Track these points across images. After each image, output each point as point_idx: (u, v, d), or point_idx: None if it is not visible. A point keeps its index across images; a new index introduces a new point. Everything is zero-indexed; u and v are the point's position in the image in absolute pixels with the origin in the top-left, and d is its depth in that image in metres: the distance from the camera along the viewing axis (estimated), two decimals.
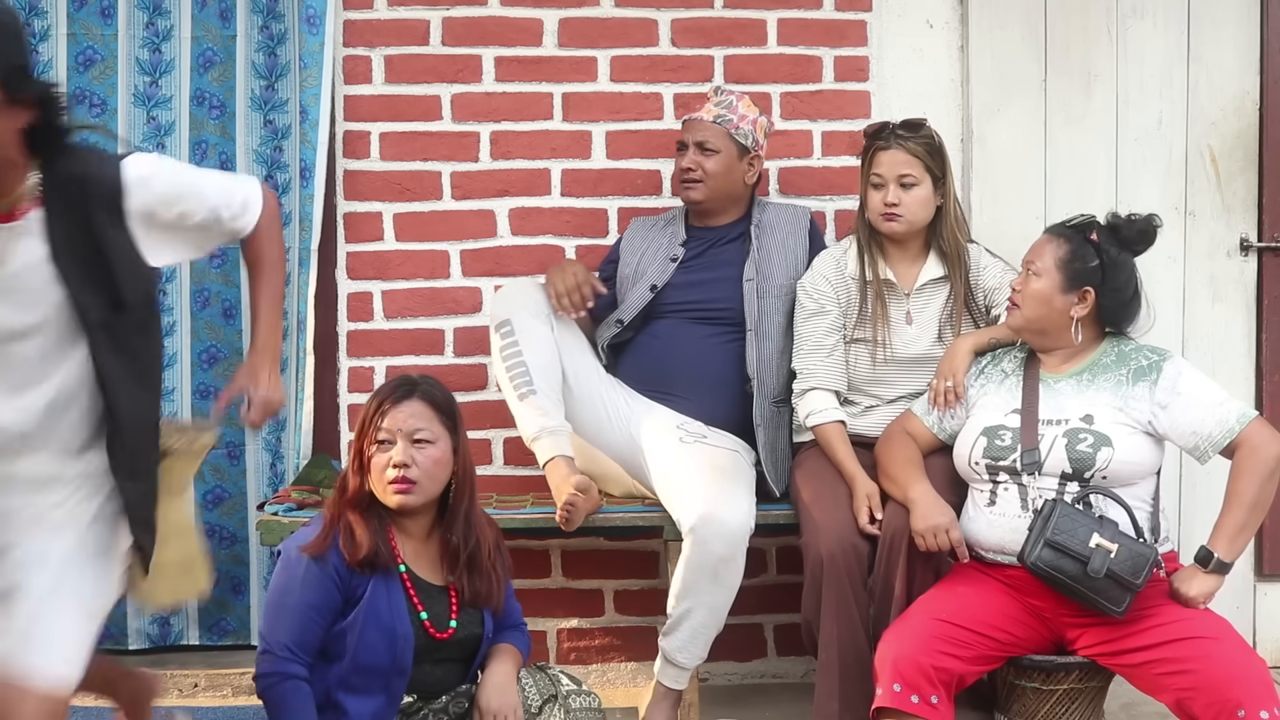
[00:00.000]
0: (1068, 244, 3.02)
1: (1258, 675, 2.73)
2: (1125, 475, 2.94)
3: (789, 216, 3.54)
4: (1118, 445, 2.93)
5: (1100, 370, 3.03)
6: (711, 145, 3.45)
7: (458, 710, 2.65)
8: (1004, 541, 2.97)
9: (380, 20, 3.72)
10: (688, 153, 3.47)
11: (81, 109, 3.69)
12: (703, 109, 3.49)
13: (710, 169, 3.45)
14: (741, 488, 3.22)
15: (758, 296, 3.43)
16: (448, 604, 2.69)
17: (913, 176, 3.27)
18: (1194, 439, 2.95)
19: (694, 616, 3.14)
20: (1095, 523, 2.84)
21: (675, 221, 3.58)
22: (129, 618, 3.80)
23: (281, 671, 2.54)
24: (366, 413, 2.69)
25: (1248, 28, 3.81)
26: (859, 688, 3.03)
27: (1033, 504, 2.94)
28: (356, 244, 3.74)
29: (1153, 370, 2.99)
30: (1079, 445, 2.93)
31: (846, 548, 3.08)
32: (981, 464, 3.01)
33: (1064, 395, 3.02)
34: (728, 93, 3.51)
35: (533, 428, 3.27)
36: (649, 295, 3.47)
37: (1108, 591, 2.81)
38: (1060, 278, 3.00)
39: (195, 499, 3.73)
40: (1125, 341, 3.08)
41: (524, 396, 3.29)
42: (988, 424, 3.04)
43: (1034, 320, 3.04)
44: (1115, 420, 2.96)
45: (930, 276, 3.35)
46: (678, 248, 3.52)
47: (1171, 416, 2.96)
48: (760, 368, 3.41)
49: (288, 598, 2.58)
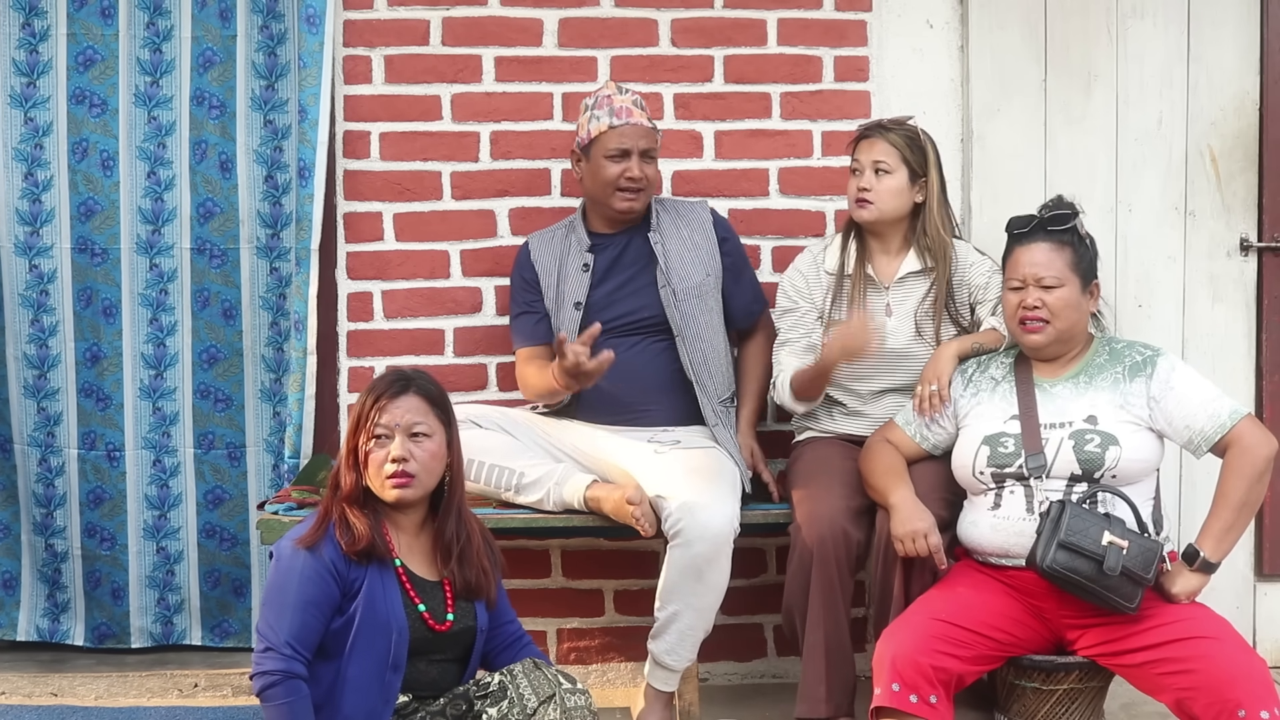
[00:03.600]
0: (1069, 247, 3.02)
1: (1258, 675, 2.73)
2: (1134, 473, 2.95)
3: (688, 213, 3.50)
4: (1125, 443, 2.93)
5: (1096, 371, 3.03)
6: (653, 151, 3.39)
7: (455, 712, 2.64)
8: (1008, 545, 2.97)
9: (380, 20, 3.72)
10: (629, 161, 3.35)
11: (82, 109, 3.70)
12: (631, 113, 3.38)
13: (652, 177, 3.40)
14: (723, 487, 3.20)
15: (676, 300, 3.39)
16: (443, 598, 2.70)
17: (887, 164, 3.29)
18: (1187, 433, 2.97)
19: (681, 619, 3.14)
20: (1104, 521, 2.84)
21: (574, 229, 3.50)
22: (131, 616, 3.81)
23: (284, 670, 2.53)
24: (362, 409, 2.68)
25: (1248, 28, 3.81)
26: (841, 673, 3.11)
27: (1039, 507, 2.94)
28: (356, 244, 3.74)
29: (1148, 365, 3.01)
30: (1087, 446, 2.93)
31: (837, 533, 3.10)
32: (987, 473, 3.01)
33: (1063, 399, 3.02)
34: (632, 91, 3.45)
35: (543, 489, 3.25)
36: (578, 315, 3.40)
37: (1121, 589, 2.82)
38: (1078, 280, 3.02)
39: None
40: (1114, 340, 3.11)
41: (520, 487, 3.26)
42: (988, 432, 3.04)
43: (1066, 329, 3.03)
44: (1119, 419, 2.97)
45: (909, 269, 3.37)
46: (585, 254, 3.45)
47: (1166, 410, 2.97)
48: (698, 370, 3.39)
49: (286, 595, 2.58)
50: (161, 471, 3.78)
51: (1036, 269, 3.01)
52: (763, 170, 3.79)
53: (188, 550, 3.81)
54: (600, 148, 3.36)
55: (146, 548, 3.79)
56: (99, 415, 3.76)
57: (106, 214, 3.72)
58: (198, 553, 3.81)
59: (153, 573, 3.80)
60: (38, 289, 3.72)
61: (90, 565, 3.80)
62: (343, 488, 2.67)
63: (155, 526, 3.79)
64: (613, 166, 3.36)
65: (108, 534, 3.79)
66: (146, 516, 3.78)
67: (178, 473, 3.78)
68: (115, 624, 3.82)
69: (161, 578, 3.80)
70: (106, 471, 3.77)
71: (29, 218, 3.71)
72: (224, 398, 3.77)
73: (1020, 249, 3.05)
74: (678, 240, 3.45)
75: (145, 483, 3.78)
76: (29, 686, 3.63)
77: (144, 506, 3.78)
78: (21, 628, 3.83)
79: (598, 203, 3.44)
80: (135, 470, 3.77)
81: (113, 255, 3.72)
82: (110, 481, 3.77)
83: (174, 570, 3.81)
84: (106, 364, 3.75)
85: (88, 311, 3.74)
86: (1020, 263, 3.04)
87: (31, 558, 3.82)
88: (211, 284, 3.74)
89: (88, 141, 3.71)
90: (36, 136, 3.70)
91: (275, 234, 3.70)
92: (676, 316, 3.39)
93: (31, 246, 3.72)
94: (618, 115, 3.37)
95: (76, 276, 3.73)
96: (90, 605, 3.82)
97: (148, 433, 3.76)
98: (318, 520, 2.66)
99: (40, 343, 3.73)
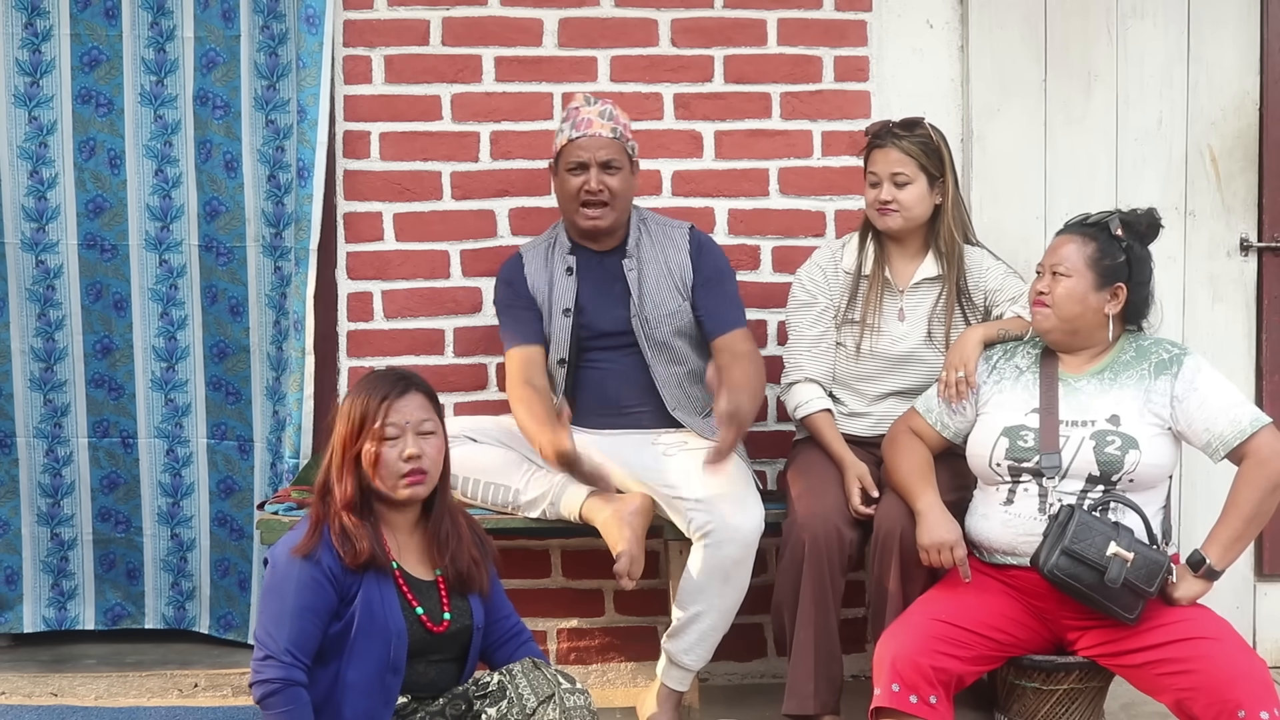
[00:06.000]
0: (1094, 241, 3.00)
1: (1258, 676, 2.73)
2: (1151, 478, 2.94)
3: (667, 238, 3.41)
4: (1144, 447, 2.92)
5: (1122, 368, 3.01)
6: (616, 162, 3.31)
7: (455, 712, 2.64)
8: (1016, 543, 2.96)
9: (380, 20, 3.72)
10: (588, 174, 3.28)
11: (88, 108, 3.72)
12: (591, 124, 3.31)
13: (617, 189, 3.30)
14: (748, 488, 3.20)
15: (649, 328, 3.35)
16: (438, 597, 2.70)
17: (905, 175, 3.27)
18: (1206, 435, 2.94)
19: (704, 619, 3.14)
20: (1112, 530, 2.83)
21: (558, 239, 3.44)
22: (147, 596, 3.88)
23: (284, 678, 2.53)
24: (367, 409, 2.64)
25: (1248, 28, 3.80)
26: (828, 671, 3.12)
27: (1051, 507, 2.93)
28: (356, 244, 3.75)
29: (1174, 364, 2.98)
30: (1107, 448, 2.92)
31: (830, 531, 3.10)
32: (1004, 465, 3.00)
33: (1087, 395, 3.00)
34: (603, 101, 3.38)
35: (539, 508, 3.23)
36: (567, 321, 3.37)
37: (1122, 599, 2.81)
38: (1093, 276, 2.98)
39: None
40: (1141, 337, 3.07)
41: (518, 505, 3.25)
42: (1008, 424, 3.02)
43: (1068, 320, 3.00)
44: (1141, 421, 2.94)
45: (925, 275, 3.35)
46: (567, 257, 3.40)
47: (1187, 411, 2.94)
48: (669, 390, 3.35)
49: (284, 602, 2.57)
50: (175, 461, 3.83)
51: (1055, 256, 3.02)
52: (763, 170, 3.78)
53: (200, 538, 3.86)
54: (563, 161, 3.33)
55: (161, 532, 3.86)
56: (111, 404, 3.81)
57: (115, 211, 3.75)
58: (209, 540, 3.86)
59: (167, 557, 3.87)
60: (44, 284, 3.76)
61: (103, 549, 3.87)
62: (338, 495, 2.64)
63: (169, 513, 3.85)
64: (572, 180, 3.30)
65: (122, 517, 3.86)
66: (161, 503, 3.85)
67: (190, 462, 3.84)
68: (131, 603, 3.90)
69: (175, 563, 3.87)
70: (121, 457, 3.83)
71: (35, 214, 3.74)
72: (234, 391, 3.81)
73: (1057, 239, 3.06)
74: (654, 267, 3.38)
75: (159, 470, 3.84)
76: (29, 686, 3.64)
77: (158, 493, 3.84)
78: (27, 620, 3.87)
79: (567, 218, 3.41)
80: (149, 458, 3.83)
81: (122, 251, 3.76)
82: (125, 467, 3.84)
83: (186, 557, 3.87)
84: (118, 356, 3.80)
85: (98, 305, 3.78)
86: (1048, 250, 3.07)
87: (34, 550, 3.86)
88: (219, 281, 3.77)
89: (95, 140, 3.73)
90: (41, 135, 3.72)
91: (278, 233, 3.71)
92: (647, 348, 3.35)
93: (38, 242, 3.75)
94: (577, 127, 3.32)
95: (85, 271, 3.77)
96: (102, 587, 3.89)
97: (160, 422, 3.82)
98: (311, 528, 2.64)
99: (47, 336, 3.78)
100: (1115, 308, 3.01)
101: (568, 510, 3.21)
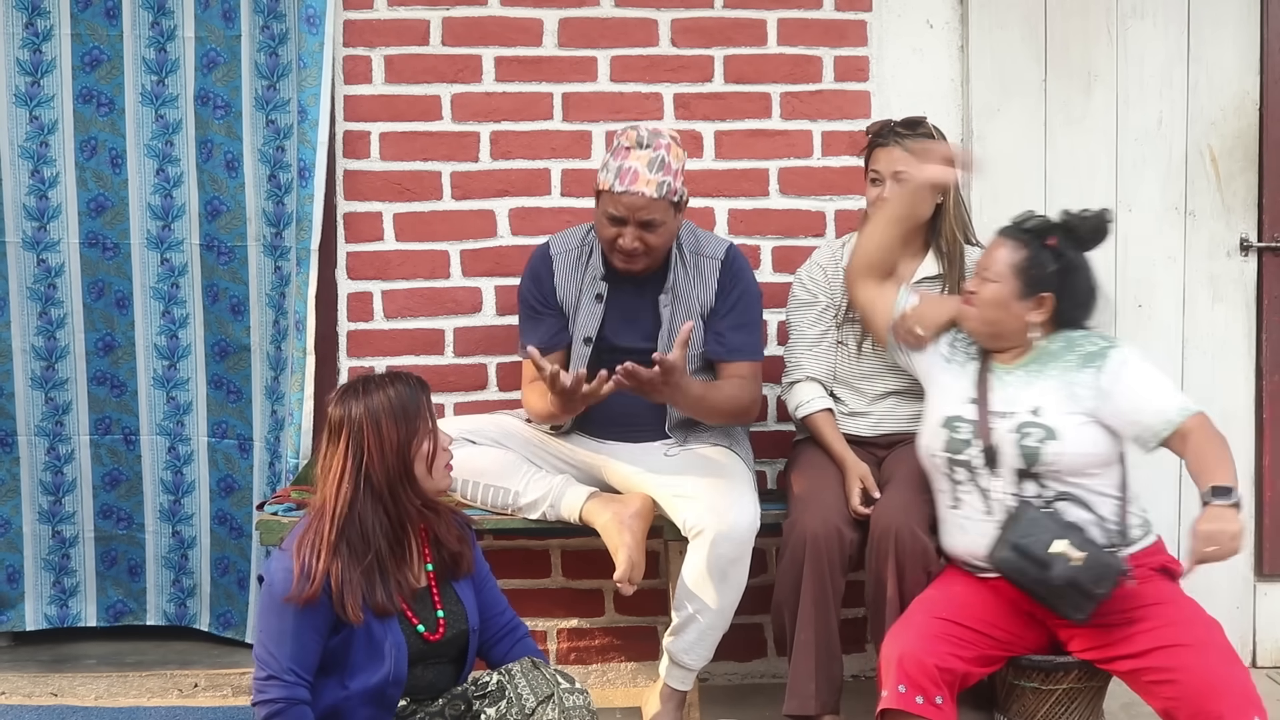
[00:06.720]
0: (1025, 250, 2.96)
1: (1239, 686, 2.71)
2: (1078, 467, 2.90)
3: (705, 265, 3.30)
4: (1065, 437, 2.89)
5: (1049, 359, 2.98)
6: (658, 221, 3.15)
7: (454, 712, 2.64)
8: (973, 546, 2.96)
9: (380, 20, 3.72)
10: (625, 229, 3.14)
11: (89, 108, 3.72)
12: (636, 179, 3.11)
13: (654, 243, 3.18)
14: (744, 486, 3.20)
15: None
16: (431, 603, 2.70)
17: (908, 174, 3.26)
18: (1134, 428, 2.90)
19: (702, 618, 3.13)
20: (1060, 528, 2.81)
21: (592, 253, 3.32)
22: (148, 593, 3.89)
23: (288, 697, 2.52)
24: (420, 412, 2.61)
25: (1248, 28, 3.81)
26: (829, 671, 3.13)
27: (995, 506, 2.93)
28: (356, 244, 3.75)
29: (1099, 357, 2.94)
30: (1027, 440, 2.91)
31: (831, 530, 3.10)
32: (940, 457, 3.01)
33: (1014, 387, 2.98)
34: (657, 141, 3.15)
35: (539, 510, 3.22)
36: (587, 350, 3.29)
37: (1069, 598, 2.80)
38: (1017, 284, 2.95)
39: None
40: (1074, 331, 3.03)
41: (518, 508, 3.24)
42: (948, 414, 3.02)
43: (990, 323, 3.00)
44: (1063, 410, 2.91)
45: (925, 274, 3.35)
46: (599, 283, 3.30)
47: (1114, 405, 2.90)
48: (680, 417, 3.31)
49: (284, 621, 2.54)
50: (176, 458, 3.85)
51: (986, 258, 3.01)
52: (763, 170, 3.79)
53: (200, 536, 3.87)
54: (602, 203, 3.20)
55: (162, 529, 3.87)
56: (114, 401, 3.83)
57: (116, 210, 3.76)
58: (209, 539, 3.87)
59: (168, 554, 3.88)
60: (45, 282, 3.77)
61: (105, 545, 3.89)
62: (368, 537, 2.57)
63: (170, 510, 3.86)
64: (609, 227, 3.19)
65: (124, 514, 3.88)
66: (162, 500, 3.86)
67: (191, 460, 3.85)
68: (133, 599, 3.91)
69: (176, 560, 3.89)
70: (123, 454, 3.85)
71: (36, 213, 3.75)
72: (235, 390, 3.82)
73: (994, 239, 3.05)
74: (685, 303, 3.28)
75: (160, 467, 3.85)
76: (29, 686, 3.64)
77: (160, 490, 3.86)
78: (29, 618, 3.88)
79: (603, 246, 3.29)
80: (150, 455, 3.85)
81: (124, 250, 3.77)
82: (127, 464, 3.85)
83: (187, 555, 3.88)
84: (120, 353, 3.81)
85: (99, 304, 3.79)
86: (985, 249, 3.09)
87: (35, 548, 3.87)
88: (220, 280, 3.77)
89: (96, 139, 3.74)
90: (42, 134, 3.73)
91: (279, 233, 3.71)
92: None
93: (39, 241, 3.76)
94: (621, 179, 3.13)
95: (87, 270, 3.78)
96: (104, 584, 3.90)
97: (162, 420, 3.83)
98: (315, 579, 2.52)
99: (48, 334, 3.79)
100: (1039, 316, 2.97)
101: (568, 512, 3.21)
